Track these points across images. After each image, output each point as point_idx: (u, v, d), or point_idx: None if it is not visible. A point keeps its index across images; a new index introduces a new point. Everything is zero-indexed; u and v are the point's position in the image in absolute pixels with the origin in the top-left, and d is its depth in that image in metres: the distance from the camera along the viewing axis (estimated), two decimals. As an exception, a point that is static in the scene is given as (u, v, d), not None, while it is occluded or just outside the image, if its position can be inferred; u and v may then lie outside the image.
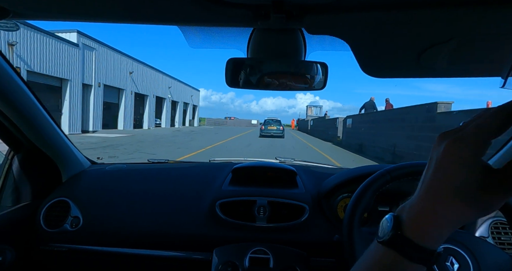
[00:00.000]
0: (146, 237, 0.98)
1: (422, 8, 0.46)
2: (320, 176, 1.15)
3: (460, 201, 0.29)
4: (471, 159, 0.28)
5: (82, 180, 1.17)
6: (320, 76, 0.67)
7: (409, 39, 0.53)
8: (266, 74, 0.67)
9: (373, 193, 0.70)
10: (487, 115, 0.29)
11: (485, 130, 0.28)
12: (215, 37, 0.72)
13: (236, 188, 1.05)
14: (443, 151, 0.30)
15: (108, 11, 0.55)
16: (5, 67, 0.81)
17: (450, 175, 0.29)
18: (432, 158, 0.31)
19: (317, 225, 0.97)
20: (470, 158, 0.28)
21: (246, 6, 0.51)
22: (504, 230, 0.94)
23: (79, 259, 1.00)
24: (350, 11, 0.48)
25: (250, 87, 0.68)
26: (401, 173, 0.69)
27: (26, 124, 0.96)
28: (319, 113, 35.20)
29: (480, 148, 0.28)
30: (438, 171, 0.30)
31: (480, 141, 0.28)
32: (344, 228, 0.71)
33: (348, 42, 0.54)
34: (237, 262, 0.86)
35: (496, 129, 0.28)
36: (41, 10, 0.56)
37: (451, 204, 0.29)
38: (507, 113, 0.28)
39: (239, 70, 0.67)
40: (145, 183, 1.16)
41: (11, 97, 0.86)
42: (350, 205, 0.71)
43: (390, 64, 0.63)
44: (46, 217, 1.02)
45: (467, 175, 0.28)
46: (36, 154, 1.07)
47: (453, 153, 0.29)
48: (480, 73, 0.62)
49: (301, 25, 0.58)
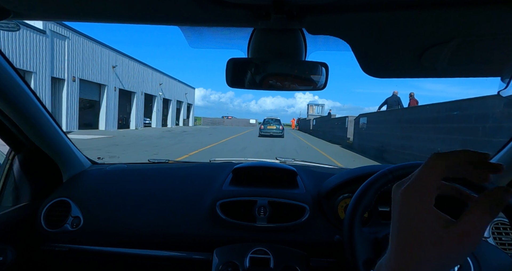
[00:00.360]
0: (146, 237, 0.98)
1: (422, 8, 0.46)
2: (321, 176, 1.15)
3: (432, 250, 0.27)
4: (424, 203, 0.28)
5: (83, 180, 1.17)
6: (320, 76, 0.67)
7: (409, 39, 0.54)
8: (267, 74, 0.67)
9: (374, 192, 0.69)
10: (431, 164, 0.29)
11: (431, 178, 0.29)
12: (216, 37, 0.72)
13: (236, 188, 1.05)
14: (399, 202, 0.30)
15: (109, 11, 0.56)
16: (6, 67, 0.82)
17: (413, 226, 0.29)
18: (394, 208, 0.31)
19: (318, 225, 0.97)
20: (423, 202, 0.28)
21: (246, 7, 0.51)
22: (505, 230, 0.93)
23: (80, 259, 1.01)
24: (350, 11, 0.48)
25: (250, 87, 0.69)
26: (404, 172, 0.68)
27: (27, 124, 0.96)
28: (321, 112, 33.24)
29: (430, 193, 0.28)
30: (401, 223, 0.30)
31: (428, 185, 0.29)
32: (345, 228, 0.70)
33: (348, 42, 0.55)
34: (238, 262, 0.87)
35: (440, 177, 0.29)
36: (41, 10, 0.57)
37: (424, 255, 0.28)
38: (453, 161, 0.29)
39: (240, 70, 0.67)
40: (145, 183, 1.15)
41: (12, 97, 0.86)
42: (351, 204, 0.70)
43: (391, 64, 0.63)
44: (46, 217, 1.02)
45: (424, 225, 0.28)
46: (36, 154, 1.08)
47: (407, 203, 0.29)
48: (480, 73, 0.63)
49: (301, 25, 0.59)
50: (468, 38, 0.51)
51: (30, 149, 1.05)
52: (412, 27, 0.50)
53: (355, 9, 0.47)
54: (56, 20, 0.62)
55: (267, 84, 0.67)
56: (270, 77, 0.67)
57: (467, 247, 0.27)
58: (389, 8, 0.46)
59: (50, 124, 1.02)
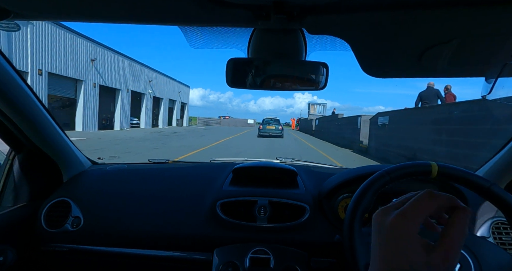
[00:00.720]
0: (146, 237, 0.98)
1: (422, 8, 0.46)
2: (321, 176, 1.15)
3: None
4: (412, 233, 0.32)
5: (83, 180, 1.17)
6: (321, 76, 0.67)
7: (410, 39, 0.54)
8: (267, 74, 0.68)
9: (373, 193, 0.68)
10: (425, 202, 0.33)
11: (421, 213, 0.33)
12: (216, 38, 0.72)
13: (236, 188, 1.05)
14: (389, 226, 0.33)
15: (109, 11, 0.56)
16: (6, 68, 0.82)
17: (400, 248, 0.32)
18: (380, 232, 0.34)
19: (318, 225, 0.97)
20: (411, 232, 0.32)
21: (246, 7, 0.51)
22: (505, 230, 0.93)
23: (80, 259, 1.01)
24: (350, 11, 0.48)
25: (250, 87, 0.69)
26: (401, 173, 0.67)
27: (27, 124, 0.96)
28: (323, 112, 31.49)
29: (418, 224, 0.33)
30: (389, 245, 0.33)
31: (418, 217, 0.33)
32: (345, 229, 0.69)
33: (349, 42, 0.55)
34: (238, 262, 0.87)
35: (430, 209, 0.33)
36: (42, 10, 0.57)
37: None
38: (444, 202, 0.34)
39: (240, 70, 0.67)
40: (146, 183, 1.15)
41: (12, 97, 0.86)
42: (351, 206, 0.70)
43: (391, 64, 0.64)
44: (47, 217, 1.02)
45: (412, 248, 0.32)
46: (37, 154, 1.08)
47: (398, 227, 0.33)
48: (480, 74, 0.63)
49: (301, 26, 0.59)
50: (468, 38, 0.52)
51: (30, 149, 1.05)
52: (412, 27, 0.51)
53: (355, 9, 0.48)
54: (56, 20, 0.62)
55: (267, 84, 0.68)
56: (270, 77, 0.68)
57: (449, 268, 0.31)
58: (389, 8, 0.46)
59: (50, 124, 1.02)
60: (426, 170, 0.63)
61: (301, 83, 0.68)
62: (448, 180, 0.66)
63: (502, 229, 0.93)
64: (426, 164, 0.63)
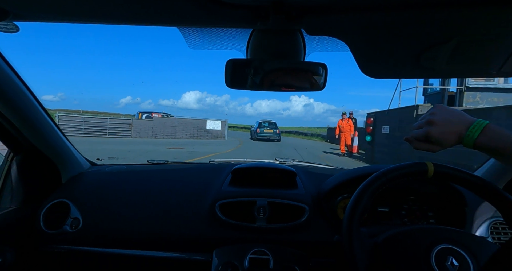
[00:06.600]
0: (146, 238, 0.98)
1: (421, 9, 0.46)
2: (320, 177, 1.14)
3: None
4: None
5: (82, 181, 1.16)
6: (319, 76, 0.67)
7: (408, 40, 0.54)
8: (266, 75, 0.68)
9: (370, 195, 0.69)
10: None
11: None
12: (215, 38, 0.72)
13: (236, 189, 1.05)
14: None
15: (108, 12, 0.56)
16: (5, 68, 0.82)
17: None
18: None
19: (317, 225, 0.97)
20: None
21: (245, 7, 0.51)
22: (504, 230, 0.93)
23: (79, 260, 1.01)
24: (349, 12, 0.49)
25: (249, 88, 0.69)
26: (397, 174, 0.68)
27: (26, 125, 0.96)
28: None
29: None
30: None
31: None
32: (344, 229, 0.69)
33: (347, 43, 0.55)
34: (237, 263, 0.87)
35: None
36: (41, 11, 0.57)
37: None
38: None
39: (239, 71, 0.67)
40: (145, 184, 1.14)
41: (10, 98, 0.86)
42: (349, 207, 0.70)
43: (390, 65, 0.64)
44: (46, 218, 1.02)
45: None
46: (35, 155, 1.07)
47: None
48: (479, 74, 0.63)
49: (300, 26, 0.60)
50: (466, 39, 0.52)
51: (29, 150, 1.05)
52: (410, 27, 0.51)
53: (354, 10, 0.48)
54: (55, 21, 0.62)
55: (266, 85, 0.68)
56: (269, 78, 0.68)
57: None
58: (387, 9, 0.46)
59: (49, 125, 1.02)
60: (422, 170, 0.63)
61: (300, 84, 0.68)
62: (445, 180, 0.66)
63: (501, 229, 0.94)
64: (422, 164, 0.63)
